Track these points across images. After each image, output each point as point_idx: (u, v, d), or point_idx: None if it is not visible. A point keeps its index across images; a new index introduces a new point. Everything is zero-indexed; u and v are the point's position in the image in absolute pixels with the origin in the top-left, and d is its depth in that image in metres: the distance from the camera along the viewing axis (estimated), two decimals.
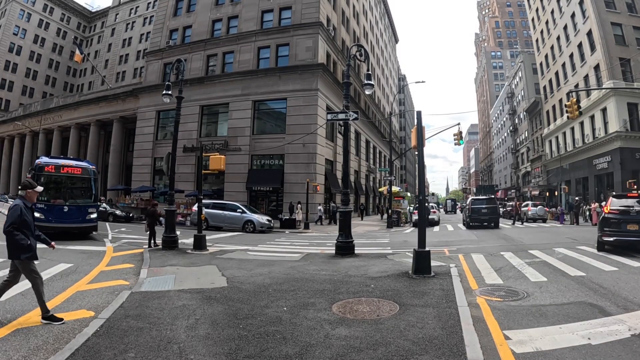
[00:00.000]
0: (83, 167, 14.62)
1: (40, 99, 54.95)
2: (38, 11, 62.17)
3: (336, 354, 3.75)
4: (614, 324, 4.48)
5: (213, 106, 30.02)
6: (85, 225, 14.05)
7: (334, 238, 11.49)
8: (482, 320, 4.78)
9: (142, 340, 4.11)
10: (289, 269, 8.35)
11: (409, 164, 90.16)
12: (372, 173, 44.40)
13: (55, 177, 14.04)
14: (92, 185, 14.78)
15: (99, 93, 41.49)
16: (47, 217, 13.06)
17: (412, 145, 8.49)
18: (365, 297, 5.86)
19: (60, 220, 13.32)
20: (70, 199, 14.01)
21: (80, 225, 13.78)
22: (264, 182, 27.00)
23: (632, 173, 25.45)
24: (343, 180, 21.61)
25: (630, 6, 28.62)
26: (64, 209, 13.50)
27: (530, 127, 50.68)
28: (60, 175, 14.07)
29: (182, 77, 13.45)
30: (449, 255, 10.55)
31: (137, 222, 25.04)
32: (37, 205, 12.68)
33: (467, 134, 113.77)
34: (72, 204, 13.87)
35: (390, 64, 66.93)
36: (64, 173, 14.10)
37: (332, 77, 29.07)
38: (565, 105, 19.85)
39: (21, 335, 4.27)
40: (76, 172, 14.35)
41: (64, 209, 13.51)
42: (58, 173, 14.00)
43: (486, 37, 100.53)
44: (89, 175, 14.66)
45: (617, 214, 9.93)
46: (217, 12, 31.37)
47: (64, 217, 13.41)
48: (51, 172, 13.84)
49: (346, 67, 11.57)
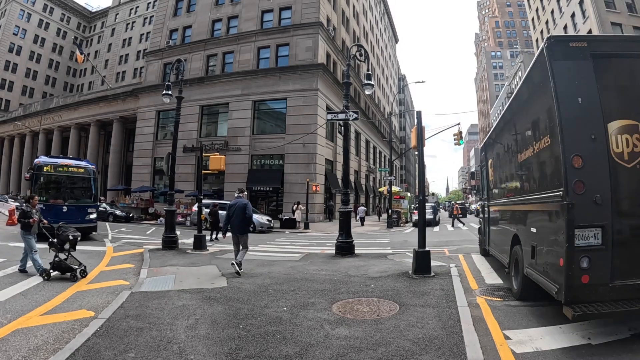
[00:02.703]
0: (83, 167, 14.47)
1: (40, 99, 54.93)
2: (38, 11, 62.18)
3: (336, 354, 3.75)
4: (613, 324, 4.48)
5: (213, 106, 30.02)
6: (84, 226, 13.59)
7: (334, 238, 11.50)
8: (482, 320, 4.78)
9: (142, 340, 4.11)
10: (289, 269, 8.35)
11: (409, 164, 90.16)
12: (372, 173, 44.40)
13: (54, 177, 13.86)
14: (92, 185, 14.56)
15: (99, 93, 41.49)
16: (46, 218, 12.87)
17: (412, 145, 8.50)
18: (365, 297, 5.86)
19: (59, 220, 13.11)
20: (70, 199, 13.78)
21: (80, 226, 13.45)
22: (264, 182, 27.00)
23: None
24: (343, 180, 21.61)
25: (630, 6, 28.64)
26: (63, 209, 13.25)
27: None
28: (59, 174, 13.88)
29: (182, 77, 13.45)
30: (449, 255, 10.55)
31: (137, 222, 25.05)
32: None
33: (467, 134, 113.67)
34: (72, 204, 13.64)
35: (390, 64, 66.94)
36: (63, 173, 13.92)
37: (332, 77, 29.07)
38: None
39: (21, 335, 4.27)
40: (76, 171, 14.19)
41: (63, 209, 13.26)
42: (57, 173, 13.82)
43: (486, 37, 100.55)
44: (89, 175, 14.47)
45: None
46: (217, 12, 31.37)
47: (63, 218, 13.07)
48: (50, 172, 13.67)
49: (346, 67, 11.57)
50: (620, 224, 3.85)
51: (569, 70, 4.10)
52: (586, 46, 4.15)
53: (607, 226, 3.78)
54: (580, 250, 3.76)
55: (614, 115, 3.98)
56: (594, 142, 3.89)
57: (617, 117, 3.98)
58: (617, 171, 3.88)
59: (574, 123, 3.95)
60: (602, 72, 4.08)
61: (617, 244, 3.80)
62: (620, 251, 3.81)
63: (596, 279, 3.78)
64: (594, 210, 3.79)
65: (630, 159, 3.91)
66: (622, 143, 3.93)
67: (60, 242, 7.19)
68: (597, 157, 3.87)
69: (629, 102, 4.10)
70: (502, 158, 7.50)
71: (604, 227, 3.78)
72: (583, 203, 3.79)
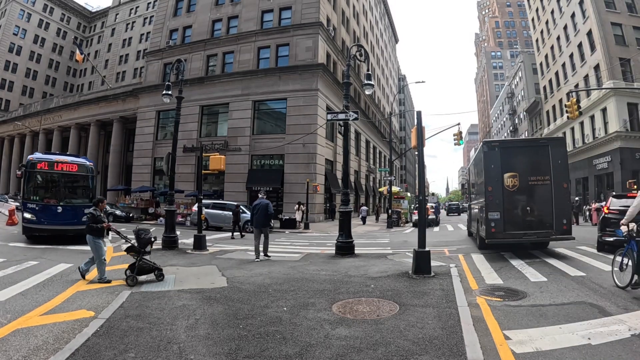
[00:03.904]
0: (79, 164, 13.31)
1: (40, 99, 54.93)
2: (38, 11, 62.16)
3: (336, 354, 3.75)
4: (614, 324, 4.48)
5: (213, 106, 30.01)
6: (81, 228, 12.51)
7: (334, 238, 11.50)
8: (482, 320, 4.78)
9: (142, 340, 4.11)
10: (289, 269, 8.35)
11: (409, 164, 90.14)
12: (372, 173, 44.39)
13: (48, 175, 12.91)
14: (89, 183, 13.44)
15: (99, 93, 41.48)
16: (39, 219, 12.10)
17: (412, 145, 8.50)
18: (365, 297, 5.86)
19: (53, 221, 12.19)
20: (65, 199, 12.80)
21: (76, 227, 12.13)
22: (264, 182, 26.96)
23: (632, 173, 25.44)
24: (343, 180, 21.61)
25: (630, 6, 28.61)
26: (58, 210, 12.35)
27: (530, 127, 50.68)
28: (54, 172, 12.82)
29: (182, 77, 13.46)
30: (449, 255, 10.55)
31: (137, 222, 25.04)
32: (28, 206, 11.98)
33: (467, 134, 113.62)
34: (67, 204, 12.63)
35: (390, 64, 66.93)
36: (58, 170, 12.79)
37: (332, 77, 29.07)
38: (565, 105, 19.85)
39: (21, 335, 4.27)
40: (72, 169, 12.99)
41: (58, 209, 12.36)
42: (52, 170, 12.76)
43: (486, 37, 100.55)
44: (87, 172, 13.34)
45: (617, 214, 9.94)
46: (217, 12, 31.37)
47: (58, 219, 12.25)
48: (44, 170, 12.70)
49: (346, 67, 11.57)
50: (505, 210, 9.56)
51: (490, 153, 9.98)
52: (498, 144, 10.36)
53: (500, 211, 9.52)
54: (490, 220, 9.57)
55: (505, 170, 9.69)
56: (497, 181, 9.69)
57: (507, 171, 9.68)
58: (505, 192, 9.61)
59: (490, 173, 9.86)
60: (502, 154, 9.87)
61: (504, 217, 9.51)
62: (505, 220, 9.54)
63: (497, 230, 9.57)
64: (495, 205, 9.62)
65: (511, 187, 9.62)
66: (509, 181, 9.64)
67: (142, 245, 6.99)
68: (498, 186, 9.67)
69: (511, 165, 9.72)
70: (471, 182, 15.16)
71: (499, 212, 9.52)
72: (491, 203, 9.68)
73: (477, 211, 11.83)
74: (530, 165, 9.75)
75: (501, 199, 9.49)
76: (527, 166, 9.72)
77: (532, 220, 9.54)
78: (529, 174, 9.63)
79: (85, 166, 13.45)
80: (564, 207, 9.69)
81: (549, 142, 10.27)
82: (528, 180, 9.59)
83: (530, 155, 9.96)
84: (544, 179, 9.56)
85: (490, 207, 9.56)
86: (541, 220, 9.51)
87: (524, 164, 9.76)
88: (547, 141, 10.88)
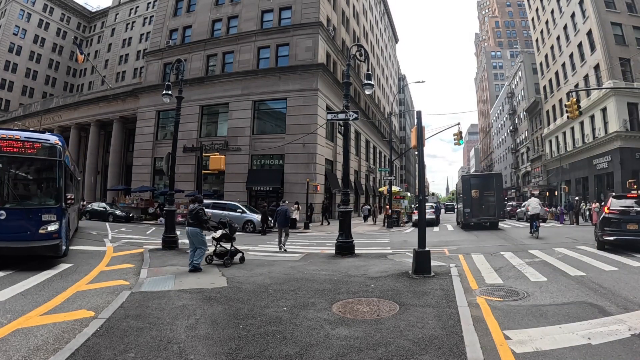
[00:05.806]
0: (37, 141, 8.05)
1: (40, 99, 54.89)
2: (38, 11, 62.14)
3: (336, 354, 3.75)
4: (614, 324, 4.48)
5: (213, 106, 29.99)
6: (31, 246, 7.65)
7: (334, 238, 11.50)
8: (482, 320, 4.78)
9: (142, 340, 4.11)
10: (289, 269, 8.35)
11: (409, 164, 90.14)
12: (372, 173, 44.39)
13: None
14: (56, 173, 8.25)
15: (98, 93, 41.45)
16: None
17: (412, 145, 8.50)
18: (365, 297, 5.86)
19: None
20: (9, 200, 7.78)
21: (21, 246, 7.58)
22: (264, 182, 26.98)
23: (632, 173, 25.43)
24: (343, 180, 21.58)
25: (630, 6, 28.60)
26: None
27: (530, 127, 50.69)
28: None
29: (182, 77, 13.44)
30: (449, 255, 10.56)
31: (137, 222, 25.04)
32: None
33: (467, 134, 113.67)
34: (13, 207, 7.73)
35: (390, 64, 66.93)
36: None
37: (332, 77, 29.06)
38: (565, 105, 19.84)
39: (21, 335, 4.27)
40: (24, 150, 7.87)
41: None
42: None
43: (486, 37, 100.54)
44: (52, 155, 8.17)
45: (617, 214, 10.00)
46: (217, 12, 31.35)
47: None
48: None
49: (346, 67, 11.57)
50: (472, 208, 20.76)
51: (463, 182, 22.66)
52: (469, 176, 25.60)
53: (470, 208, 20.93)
54: (465, 212, 21.33)
55: (473, 188, 21.11)
56: (469, 195, 21.05)
57: (474, 189, 21.04)
58: (472, 199, 20.88)
59: (465, 190, 21.58)
60: (471, 180, 22.57)
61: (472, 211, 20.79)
62: (473, 211, 20.71)
63: (469, 217, 20.72)
64: (468, 205, 21.00)
65: (475, 197, 20.83)
66: (474, 194, 20.83)
67: (233, 232, 8.82)
68: (468, 196, 21.05)
69: (475, 186, 21.37)
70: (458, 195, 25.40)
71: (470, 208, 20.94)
72: (465, 204, 21.38)
73: (461, 209, 23.07)
74: (484, 186, 21.09)
75: (470, 202, 20.81)
76: (483, 186, 21.02)
77: (485, 211, 20.46)
78: (484, 190, 20.77)
79: (51, 146, 8.19)
80: (501, 206, 21.34)
81: (494, 175, 23.70)
82: (483, 193, 20.60)
83: (484, 181, 21.99)
84: (490, 192, 20.59)
85: (465, 206, 21.21)
86: (489, 211, 20.44)
87: (481, 185, 21.23)
88: (492, 174, 25.25)
